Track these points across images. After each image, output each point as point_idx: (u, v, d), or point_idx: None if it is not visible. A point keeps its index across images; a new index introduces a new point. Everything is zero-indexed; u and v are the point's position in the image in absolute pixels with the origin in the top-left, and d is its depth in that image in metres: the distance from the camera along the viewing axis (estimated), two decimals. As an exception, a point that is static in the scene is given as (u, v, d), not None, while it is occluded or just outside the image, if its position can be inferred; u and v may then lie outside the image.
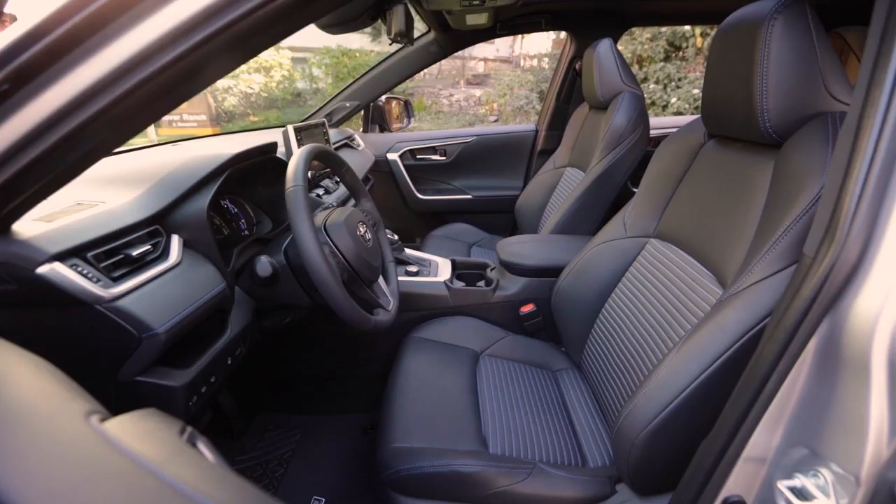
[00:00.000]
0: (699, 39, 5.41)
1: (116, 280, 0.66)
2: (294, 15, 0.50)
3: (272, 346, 1.26)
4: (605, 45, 1.60)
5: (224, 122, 7.27)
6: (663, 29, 5.51)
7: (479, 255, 1.93)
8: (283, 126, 1.42)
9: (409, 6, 1.23)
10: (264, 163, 1.09)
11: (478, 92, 8.97)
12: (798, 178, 0.65)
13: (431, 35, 1.87)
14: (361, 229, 0.95)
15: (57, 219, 0.66)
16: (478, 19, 1.61)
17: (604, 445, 0.92)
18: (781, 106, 0.69)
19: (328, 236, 0.88)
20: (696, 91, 5.23)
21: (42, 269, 0.58)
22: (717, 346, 0.66)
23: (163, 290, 0.70)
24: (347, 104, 2.05)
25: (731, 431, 0.55)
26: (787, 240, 0.63)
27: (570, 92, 2.05)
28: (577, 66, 1.96)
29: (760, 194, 0.74)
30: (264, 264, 0.89)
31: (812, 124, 0.67)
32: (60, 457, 0.28)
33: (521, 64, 9.28)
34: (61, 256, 0.60)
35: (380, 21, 1.26)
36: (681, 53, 5.66)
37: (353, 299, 0.84)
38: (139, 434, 0.32)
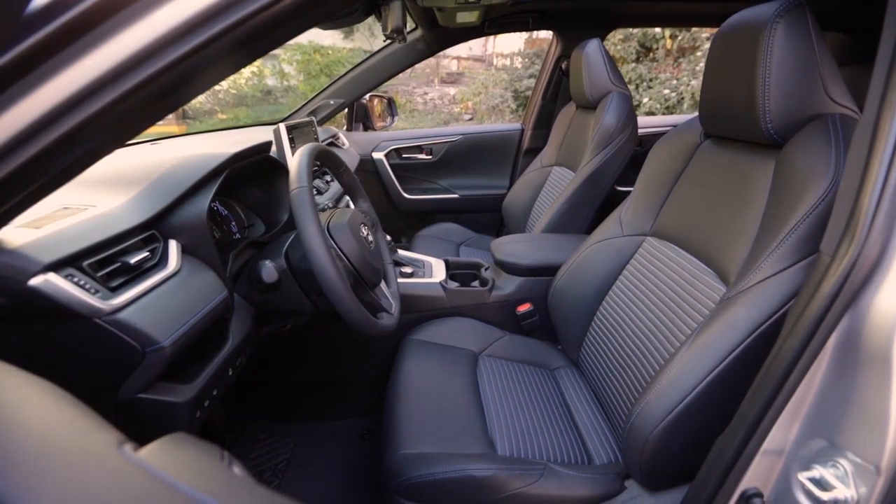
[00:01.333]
0: (669, 41, 5.59)
1: (115, 290, 0.61)
2: (303, 15, 0.48)
3: (264, 352, 1.22)
4: (593, 45, 1.62)
5: (191, 121, 6.99)
6: (634, 31, 5.65)
7: (467, 254, 1.93)
8: (258, 125, 1.38)
9: (402, 3, 1.21)
10: (257, 163, 1.05)
11: (452, 90, 8.95)
12: (802, 177, 0.67)
13: (418, 32, 1.85)
14: (364, 231, 0.93)
15: (45, 225, 0.61)
16: (468, 17, 1.60)
17: (608, 442, 0.93)
18: (783, 108, 0.71)
19: (332, 238, 0.86)
20: (666, 91, 5.39)
21: (35, 281, 0.53)
22: (728, 342, 0.67)
23: (164, 299, 0.66)
24: (332, 102, 2.00)
25: (750, 426, 0.56)
26: (795, 237, 0.65)
27: (556, 91, 2.06)
28: (563, 66, 1.98)
29: (761, 193, 0.76)
30: (269, 269, 0.85)
31: (813, 126, 0.69)
32: (110, 496, 0.25)
33: (494, 63, 9.33)
34: (55, 266, 0.56)
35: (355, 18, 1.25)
36: (651, 55, 5.82)
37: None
38: (183, 464, 0.29)
